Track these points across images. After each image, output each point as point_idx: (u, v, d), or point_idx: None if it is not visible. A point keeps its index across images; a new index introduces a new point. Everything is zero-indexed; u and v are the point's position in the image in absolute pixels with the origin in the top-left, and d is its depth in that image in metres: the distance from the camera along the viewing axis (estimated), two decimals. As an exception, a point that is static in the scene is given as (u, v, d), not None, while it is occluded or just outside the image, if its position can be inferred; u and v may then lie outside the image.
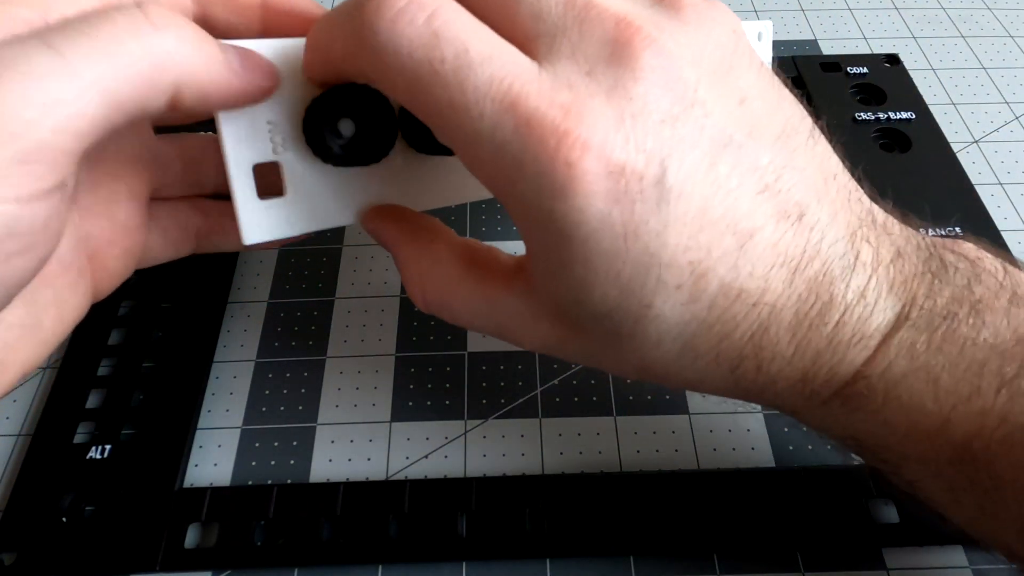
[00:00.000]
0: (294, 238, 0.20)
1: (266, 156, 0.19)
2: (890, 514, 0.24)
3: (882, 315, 0.18)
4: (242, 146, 0.19)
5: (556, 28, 0.16)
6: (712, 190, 0.16)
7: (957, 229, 0.31)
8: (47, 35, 0.14)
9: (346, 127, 0.19)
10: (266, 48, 0.18)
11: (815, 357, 0.18)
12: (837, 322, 0.18)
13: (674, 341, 0.18)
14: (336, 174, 0.20)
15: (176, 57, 0.16)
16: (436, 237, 0.21)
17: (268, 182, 0.19)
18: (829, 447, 0.21)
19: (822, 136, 0.19)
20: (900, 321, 0.18)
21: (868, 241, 0.18)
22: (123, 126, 0.16)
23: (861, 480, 0.25)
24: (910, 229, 0.19)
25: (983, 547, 0.21)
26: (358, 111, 0.19)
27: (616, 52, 0.16)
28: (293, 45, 0.19)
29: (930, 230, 0.31)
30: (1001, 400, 0.17)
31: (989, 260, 0.19)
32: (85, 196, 0.20)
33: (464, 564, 0.24)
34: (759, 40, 0.26)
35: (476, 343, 0.29)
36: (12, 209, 0.14)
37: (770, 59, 0.29)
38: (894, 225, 0.19)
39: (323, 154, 0.19)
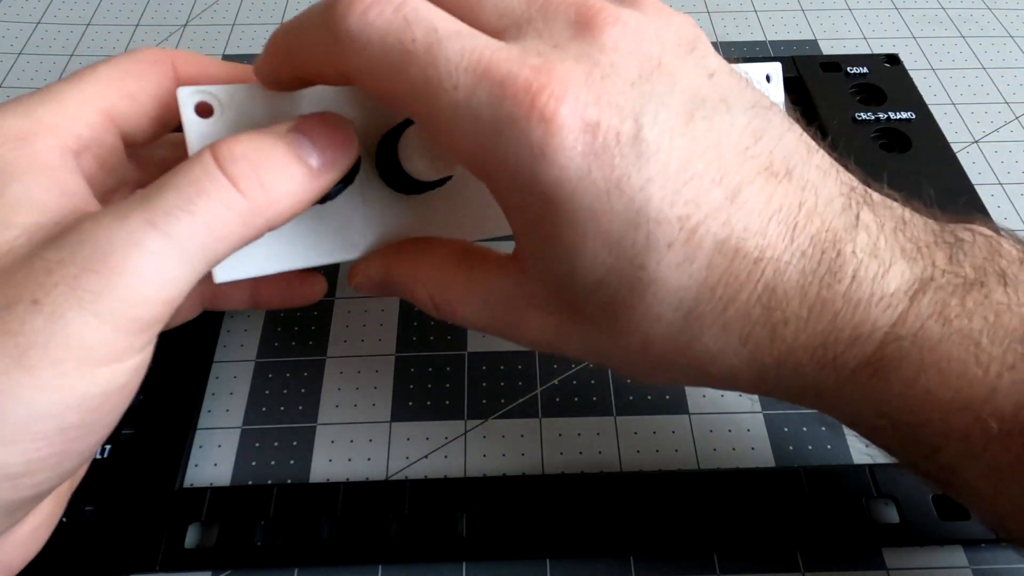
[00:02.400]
0: (265, 279, 0.20)
1: None
2: (890, 514, 0.24)
3: (900, 275, 0.17)
4: None
5: (521, 20, 0.17)
6: (691, 144, 0.16)
7: (957, 229, 0.31)
8: (152, 215, 0.15)
9: None
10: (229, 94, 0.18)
11: (833, 318, 0.17)
12: (851, 279, 0.17)
13: (675, 312, 0.17)
14: (309, 215, 0.19)
15: (268, 203, 0.17)
16: (428, 244, 0.21)
17: None
18: (865, 447, 0.19)
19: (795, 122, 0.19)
20: (924, 283, 0.17)
21: (867, 205, 0.18)
22: None
23: (861, 480, 0.25)
24: (910, 210, 0.19)
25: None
26: None
27: (580, 30, 0.16)
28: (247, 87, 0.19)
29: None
30: None
31: (1006, 238, 0.18)
32: None
33: (464, 564, 0.24)
34: (768, 81, 0.26)
35: (476, 343, 0.29)
36: (116, 368, 0.15)
37: (782, 100, 0.29)
38: (894, 202, 0.19)
39: None
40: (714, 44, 0.41)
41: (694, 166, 0.16)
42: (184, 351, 0.28)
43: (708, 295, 0.17)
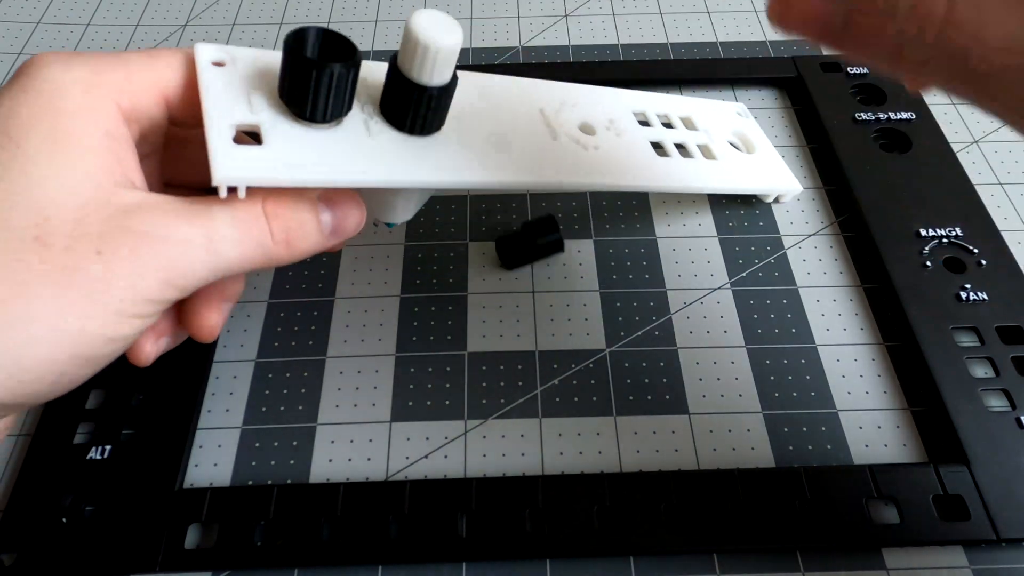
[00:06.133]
0: (265, 189, 0.20)
1: (244, 118, 0.20)
2: (890, 514, 0.24)
3: None
4: (221, 109, 0.19)
5: None
6: None
7: (957, 230, 0.31)
8: (210, 232, 0.18)
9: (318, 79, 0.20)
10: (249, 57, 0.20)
11: None
12: None
13: None
14: (313, 135, 0.20)
15: (289, 251, 0.20)
16: None
17: (246, 141, 0.20)
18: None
19: None
20: None
21: None
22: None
23: (861, 480, 0.25)
24: None
25: None
26: (328, 59, 0.19)
27: None
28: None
29: (931, 230, 0.31)
30: None
31: None
32: None
33: (464, 564, 0.24)
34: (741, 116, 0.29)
35: (476, 343, 0.29)
36: (133, 323, 0.18)
37: (759, 129, 0.29)
38: None
39: (297, 108, 0.20)
40: (713, 44, 0.41)
41: None
42: (184, 351, 0.28)
43: None
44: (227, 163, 0.18)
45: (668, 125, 0.31)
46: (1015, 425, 0.26)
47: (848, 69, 0.37)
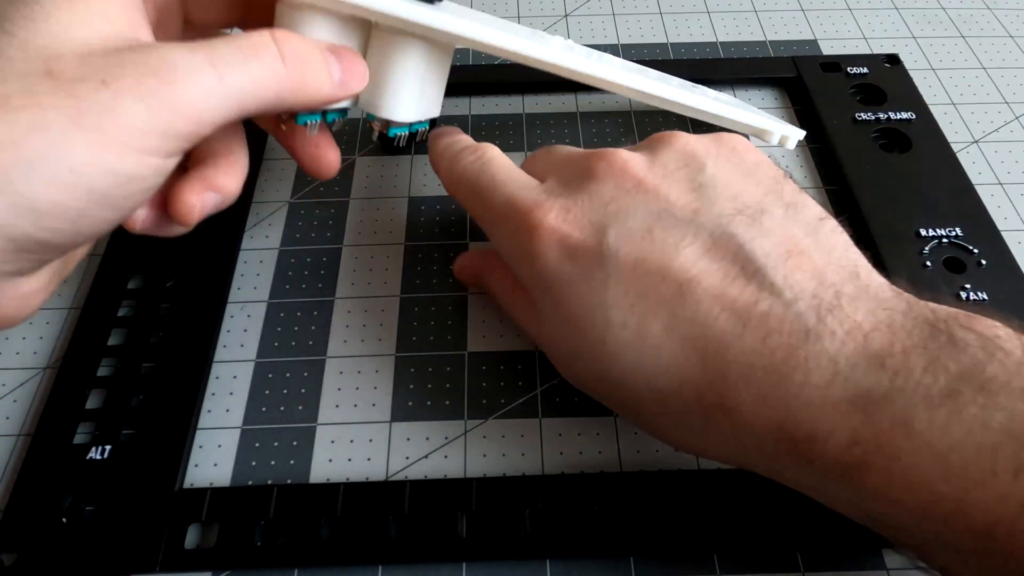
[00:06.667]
0: None
1: None
2: (890, 514, 0.24)
3: (860, 382, 0.18)
4: None
5: (551, 170, 0.25)
6: (648, 248, 0.21)
7: (957, 230, 0.31)
8: (214, 59, 0.19)
9: None
10: None
11: (786, 410, 0.18)
12: (803, 380, 0.18)
13: (637, 376, 0.21)
14: None
15: (300, 84, 0.21)
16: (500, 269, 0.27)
17: None
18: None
19: (820, 222, 0.22)
20: (891, 394, 0.17)
21: (841, 308, 0.19)
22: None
23: (861, 480, 0.25)
24: (920, 303, 0.19)
25: None
26: None
27: (586, 172, 0.24)
28: None
29: (931, 230, 0.31)
30: (1022, 485, 0.16)
31: (1008, 338, 0.18)
32: None
33: (464, 564, 0.24)
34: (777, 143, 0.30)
35: (476, 343, 0.29)
36: (144, 160, 0.18)
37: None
38: (891, 297, 0.20)
39: None
40: (713, 44, 0.41)
41: (647, 265, 0.21)
42: (184, 351, 0.28)
43: (663, 373, 0.20)
44: None
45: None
46: (1015, 425, 0.26)
47: (848, 69, 0.37)
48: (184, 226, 0.23)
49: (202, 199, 0.22)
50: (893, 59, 0.38)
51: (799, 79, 0.37)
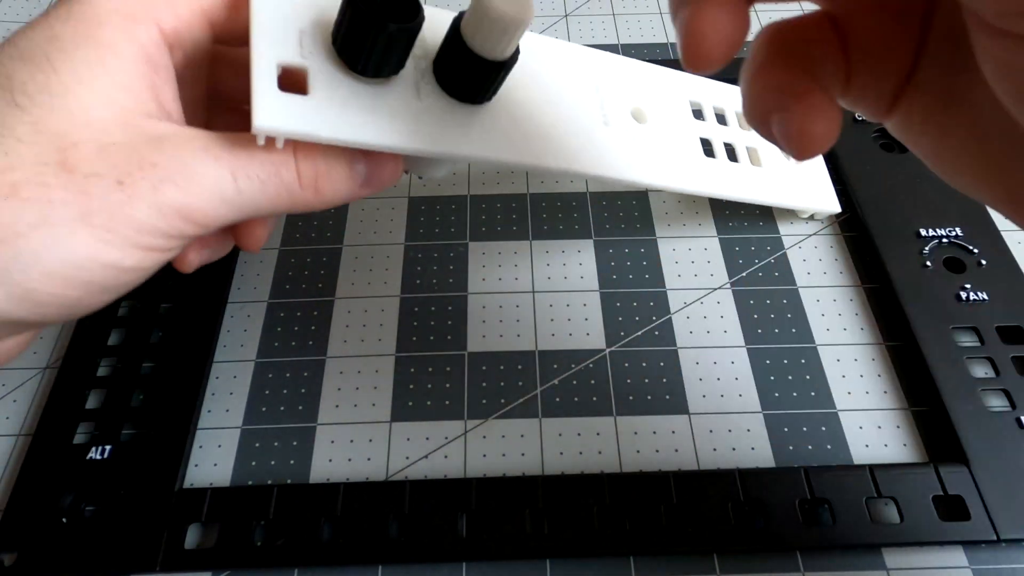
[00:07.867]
0: (306, 144, 0.20)
1: (292, 58, 0.19)
2: (890, 514, 0.24)
3: None
4: (270, 44, 0.19)
5: None
6: None
7: (957, 230, 0.31)
8: (236, 171, 0.18)
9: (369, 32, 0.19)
10: None
11: None
12: None
13: None
14: (361, 90, 0.20)
15: (315, 197, 0.20)
16: None
17: (291, 84, 0.19)
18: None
19: None
20: None
21: None
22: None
23: (861, 480, 0.25)
24: None
25: None
26: (386, 18, 0.19)
27: None
28: None
29: (931, 230, 0.31)
30: None
31: None
32: None
33: (464, 564, 0.24)
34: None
35: (476, 343, 0.29)
36: (147, 255, 0.18)
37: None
38: None
39: (349, 60, 0.19)
40: (714, 44, 0.41)
41: None
42: (184, 351, 0.28)
43: None
44: (269, 112, 0.18)
45: (721, 117, 0.31)
46: (1015, 425, 0.26)
47: (848, 69, 0.37)
48: (254, 251, 0.23)
49: (200, 256, 0.22)
50: (893, 59, 0.38)
51: (799, 79, 0.37)
